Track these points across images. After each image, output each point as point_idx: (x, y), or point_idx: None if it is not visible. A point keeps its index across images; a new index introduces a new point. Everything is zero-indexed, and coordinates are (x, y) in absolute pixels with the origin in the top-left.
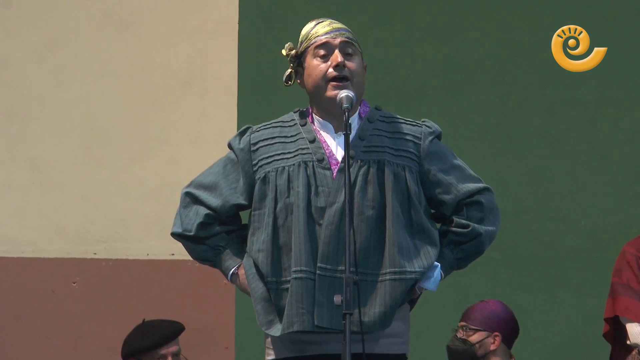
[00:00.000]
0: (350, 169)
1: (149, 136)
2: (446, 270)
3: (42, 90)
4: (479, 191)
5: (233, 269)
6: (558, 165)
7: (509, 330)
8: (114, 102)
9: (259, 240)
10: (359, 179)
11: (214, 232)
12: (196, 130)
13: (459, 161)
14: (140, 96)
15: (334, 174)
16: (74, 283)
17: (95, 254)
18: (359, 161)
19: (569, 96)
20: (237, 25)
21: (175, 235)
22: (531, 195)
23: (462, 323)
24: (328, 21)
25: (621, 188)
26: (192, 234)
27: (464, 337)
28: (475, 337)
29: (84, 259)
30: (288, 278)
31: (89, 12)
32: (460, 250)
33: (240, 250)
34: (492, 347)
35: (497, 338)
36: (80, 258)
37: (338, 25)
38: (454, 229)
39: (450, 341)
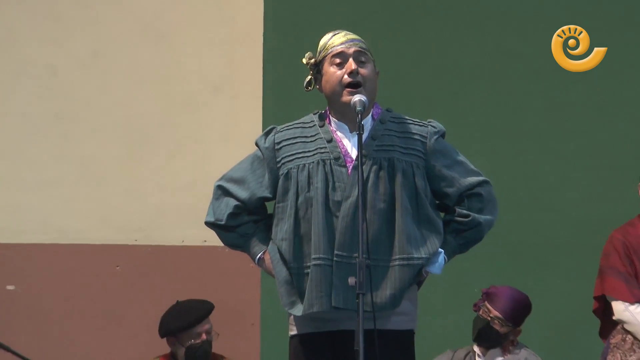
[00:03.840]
0: (364, 166)
1: (183, 136)
2: (449, 255)
3: (88, 95)
4: (479, 184)
5: (259, 254)
6: (549, 162)
7: (525, 318)
8: (152, 106)
9: (282, 230)
10: (372, 175)
11: (243, 221)
12: (225, 130)
13: (461, 157)
14: (175, 100)
15: (349, 171)
16: (117, 267)
17: (136, 240)
18: (372, 159)
19: (558, 100)
20: (261, 37)
21: (208, 223)
22: (525, 188)
23: (497, 315)
24: (343, 32)
25: (606, 182)
26: (223, 223)
27: (496, 328)
28: (503, 330)
29: (126, 245)
30: (308, 264)
31: (130, 25)
32: (462, 237)
33: (266, 237)
34: (512, 338)
35: (519, 332)
36: (122, 244)
37: (352, 36)
38: (457, 218)
39: (480, 322)
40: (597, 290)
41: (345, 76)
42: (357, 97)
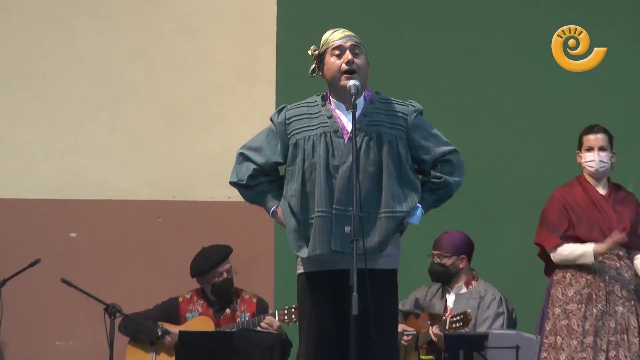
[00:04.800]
0: (357, 138)
1: (212, 114)
2: (426, 209)
3: (135, 80)
4: (450, 152)
5: (273, 208)
6: (507, 136)
7: (469, 251)
8: (187, 89)
9: (291, 189)
10: (363, 145)
11: (260, 182)
12: (246, 109)
13: (435, 130)
14: (206, 85)
15: (345, 141)
16: (159, 218)
17: (174, 197)
18: (364, 132)
19: (513, 87)
20: (275, 34)
21: (232, 183)
22: (488, 155)
23: (437, 252)
24: (341, 30)
25: (551, 152)
26: (244, 182)
27: (440, 262)
28: (448, 261)
29: (166, 201)
30: (312, 216)
31: (169, 24)
32: (436, 195)
33: (279, 194)
34: (461, 266)
35: (464, 260)
36: (163, 200)
37: (348, 32)
38: (431, 179)
39: (430, 265)
40: (537, 238)
41: (343, 65)
42: (352, 82)
